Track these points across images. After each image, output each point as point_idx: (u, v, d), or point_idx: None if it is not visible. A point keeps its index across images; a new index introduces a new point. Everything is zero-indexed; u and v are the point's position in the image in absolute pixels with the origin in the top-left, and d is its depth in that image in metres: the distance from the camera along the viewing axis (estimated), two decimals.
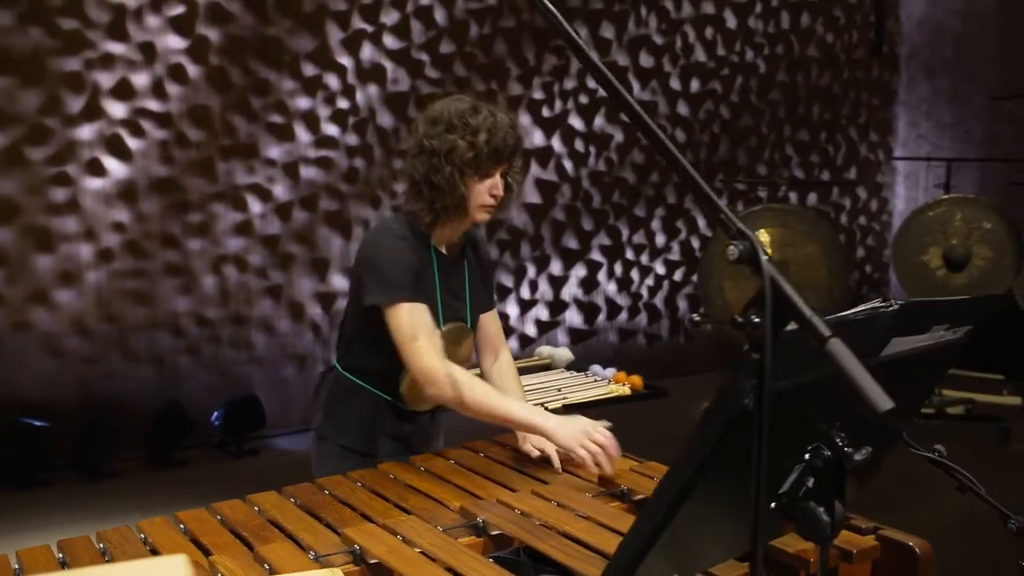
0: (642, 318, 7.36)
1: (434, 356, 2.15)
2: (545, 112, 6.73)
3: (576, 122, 6.87)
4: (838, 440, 1.29)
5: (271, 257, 5.78)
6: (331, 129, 5.90)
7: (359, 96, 5.98)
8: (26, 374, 5.14)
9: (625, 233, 7.21)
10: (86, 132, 5.18)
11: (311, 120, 5.83)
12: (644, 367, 7.04)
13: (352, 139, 5.98)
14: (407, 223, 2.29)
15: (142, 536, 1.78)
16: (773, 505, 1.34)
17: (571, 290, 7.01)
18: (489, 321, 2.56)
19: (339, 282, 6.01)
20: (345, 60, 5.91)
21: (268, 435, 5.69)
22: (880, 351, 1.28)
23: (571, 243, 6.96)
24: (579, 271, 7.03)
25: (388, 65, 6.06)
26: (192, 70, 5.43)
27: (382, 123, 6.08)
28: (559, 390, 2.98)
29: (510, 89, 6.54)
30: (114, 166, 5.27)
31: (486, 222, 2.38)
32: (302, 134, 5.80)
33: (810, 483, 1.31)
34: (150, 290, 5.45)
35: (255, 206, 5.70)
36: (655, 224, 7.34)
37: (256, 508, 1.92)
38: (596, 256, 7.09)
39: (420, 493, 2.00)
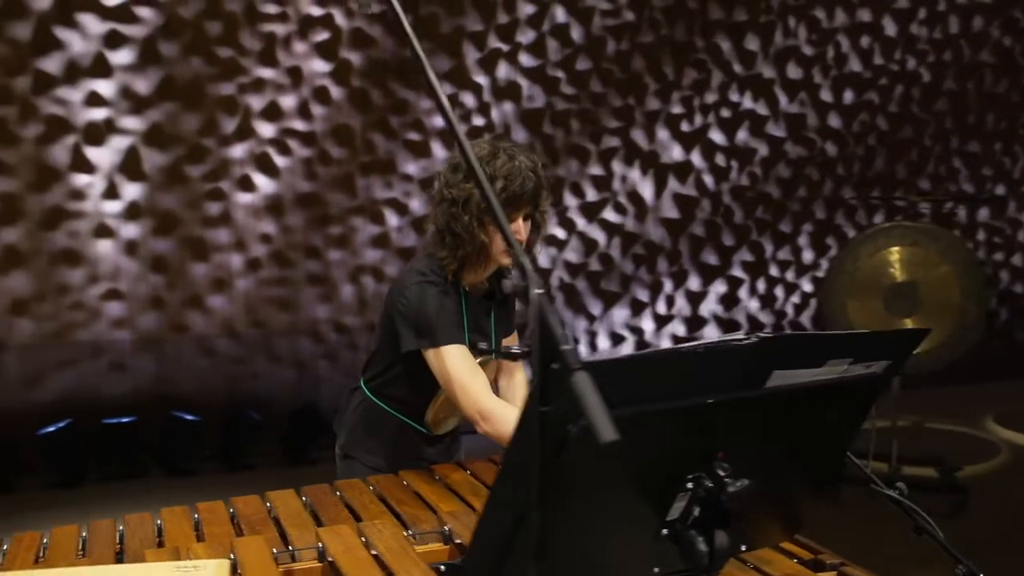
0: None
1: (490, 396, 2.23)
2: (684, 127, 6.67)
3: (717, 136, 6.77)
4: (719, 471, 1.29)
5: None
6: None
7: (494, 113, 6.16)
8: (181, 372, 5.63)
9: (769, 249, 7.02)
10: (238, 151, 5.62)
11: (448, 138, 6.05)
12: None
13: None
14: (438, 268, 2.36)
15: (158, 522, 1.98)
16: (665, 532, 1.36)
17: (710, 306, 6.91)
18: (508, 344, 2.62)
19: None
20: (481, 79, 6.11)
21: None
22: (763, 382, 1.27)
23: (710, 259, 6.86)
24: (719, 287, 6.91)
25: (523, 83, 6.21)
26: (335, 92, 5.79)
27: (517, 139, 6.22)
28: None
29: (647, 104, 6.54)
30: (263, 182, 5.69)
31: (510, 264, 2.43)
32: (438, 150, 6.04)
33: (696, 512, 1.32)
34: (293, 297, 5.83)
35: (392, 219, 5.99)
36: (802, 240, 7.10)
37: (268, 504, 2.08)
38: (737, 272, 6.95)
39: (420, 499, 2.10)
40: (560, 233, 6.41)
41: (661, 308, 6.74)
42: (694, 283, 6.82)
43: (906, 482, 1.58)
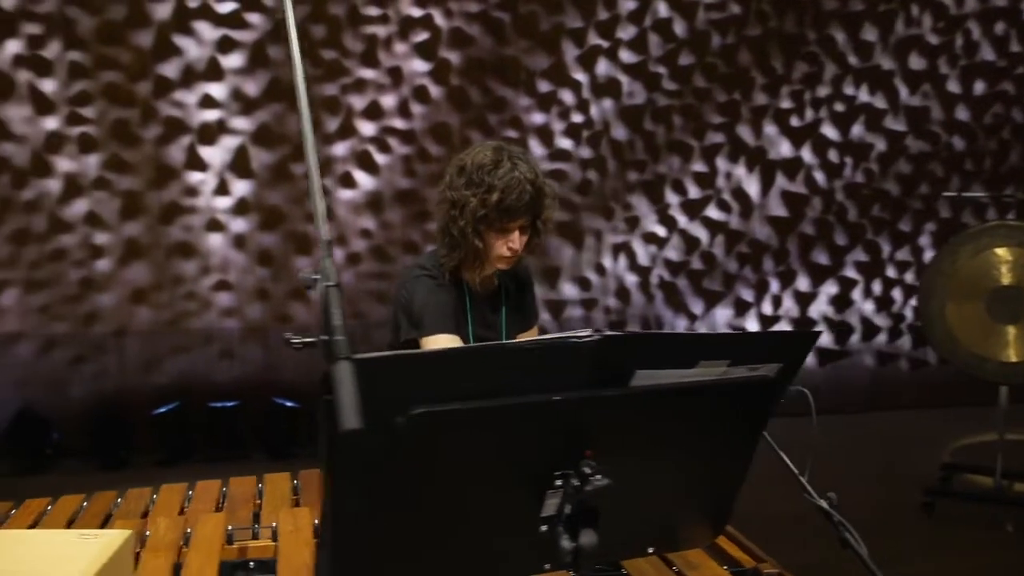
0: (905, 341, 6.79)
1: None
2: (794, 122, 6.45)
3: (830, 131, 6.51)
4: (585, 469, 1.28)
5: None
6: (564, 143, 6.13)
7: (593, 110, 6.15)
8: (284, 361, 5.89)
9: (886, 249, 6.70)
10: (340, 149, 5.84)
11: (545, 134, 6.09)
12: (907, 394, 6.54)
13: (585, 152, 6.16)
14: (439, 264, 2.42)
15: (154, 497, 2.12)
16: (543, 528, 1.36)
17: (820, 308, 6.65)
18: (527, 337, 2.64)
19: (569, 290, 6.22)
20: (580, 76, 6.10)
21: None
22: (625, 382, 1.25)
23: (821, 258, 6.61)
24: (830, 288, 6.65)
25: (623, 79, 6.16)
26: (434, 91, 5.92)
27: (616, 136, 6.19)
28: None
29: (754, 99, 6.36)
30: (363, 179, 5.88)
31: (487, 279, 2.45)
32: (536, 148, 6.08)
33: (567, 509, 1.31)
34: (391, 291, 5.99)
35: None
36: (923, 240, 6.74)
37: (260, 485, 2.19)
38: (850, 273, 6.66)
39: None
40: (660, 231, 6.32)
41: (767, 309, 6.54)
42: (803, 283, 6.59)
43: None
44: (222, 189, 5.73)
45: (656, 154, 6.26)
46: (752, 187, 6.43)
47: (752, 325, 6.50)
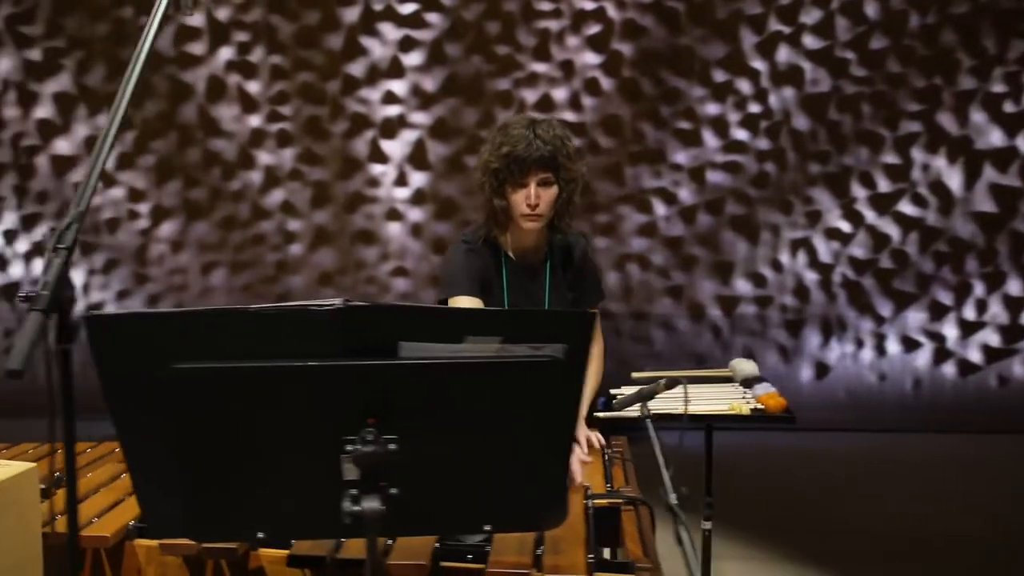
0: None
1: None
2: (1008, 107, 5.82)
3: None
4: (368, 436, 1.32)
5: (673, 258, 6.02)
6: (740, 134, 5.92)
7: (772, 99, 5.89)
8: None
9: None
10: None
11: (720, 125, 5.91)
12: None
13: (763, 143, 5.92)
14: (480, 233, 2.50)
15: None
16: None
17: None
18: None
19: (743, 286, 6.01)
20: (758, 64, 5.86)
21: (671, 427, 5.96)
22: (392, 353, 1.28)
23: None
24: None
25: (806, 66, 5.85)
26: (606, 83, 5.93)
27: (797, 126, 5.89)
28: (688, 401, 2.86)
29: (960, 83, 5.81)
30: None
31: (534, 229, 2.44)
32: (710, 139, 5.92)
33: (356, 475, 1.36)
34: None
35: (660, 209, 5.99)
36: None
37: None
38: None
39: None
40: (845, 226, 5.95)
41: (969, 314, 5.96)
42: (1014, 287, 5.94)
43: None
44: (401, 180, 6.07)
45: (842, 145, 5.89)
46: (954, 180, 5.88)
47: (951, 330, 5.96)
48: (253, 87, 6.05)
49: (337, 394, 1.29)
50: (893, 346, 6.00)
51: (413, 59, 5.98)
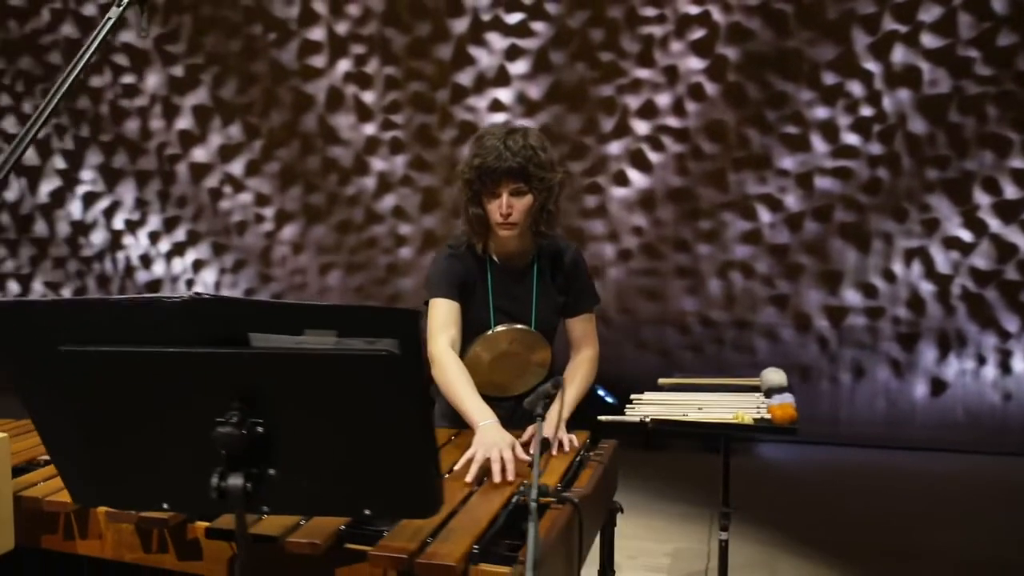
0: None
1: (438, 343, 2.44)
2: None
3: None
4: (232, 418, 1.44)
5: (778, 266, 5.87)
6: (851, 138, 5.70)
7: (886, 102, 5.64)
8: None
9: None
10: (614, 148, 6.02)
11: (829, 130, 5.72)
12: None
13: (875, 148, 5.67)
14: (464, 239, 2.56)
15: None
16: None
17: None
18: (575, 324, 2.69)
19: (851, 297, 5.78)
20: (871, 65, 5.63)
21: (754, 439, 5.83)
22: (244, 342, 1.39)
23: None
24: None
25: (924, 66, 5.57)
26: (710, 88, 5.85)
27: (913, 129, 5.62)
28: (699, 408, 2.81)
29: None
30: (636, 177, 6.00)
31: (509, 238, 2.49)
32: (818, 144, 5.74)
33: (224, 453, 1.48)
34: (661, 288, 6.06)
35: (764, 215, 5.86)
36: None
37: None
38: None
39: None
40: (966, 235, 5.61)
41: None
42: None
43: None
44: None
45: (963, 149, 5.56)
46: None
47: None
48: (368, 97, 6.34)
49: (201, 379, 1.42)
50: (1020, 364, 5.61)
51: (519, 67, 6.10)
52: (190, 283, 6.80)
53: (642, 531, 4.23)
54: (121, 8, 1.72)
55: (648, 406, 2.84)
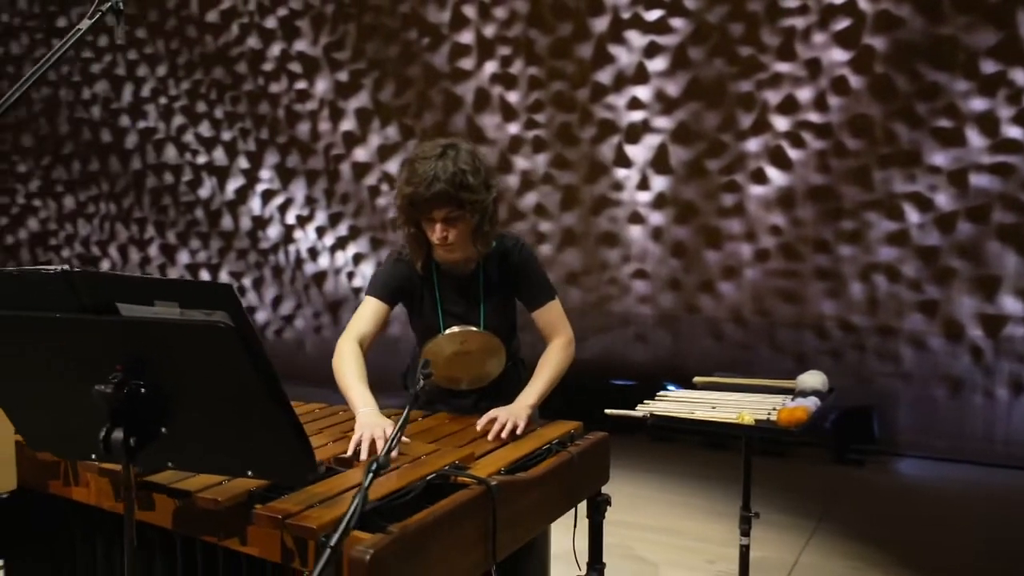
0: None
1: (346, 337, 2.54)
2: None
3: None
4: (113, 379, 1.63)
5: (927, 270, 5.49)
6: (1013, 131, 5.24)
7: None
8: (691, 349, 6.13)
9: None
10: (753, 145, 5.84)
11: (988, 123, 5.28)
12: None
13: None
14: None
15: None
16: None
17: None
18: (539, 316, 2.72)
19: (1011, 304, 5.31)
20: None
21: (892, 452, 5.50)
22: (114, 311, 1.57)
23: None
24: None
25: None
26: (854, 81, 5.56)
27: None
28: (713, 407, 2.70)
29: None
30: (775, 175, 5.80)
31: (449, 260, 2.57)
32: (975, 138, 5.31)
33: (112, 409, 1.67)
34: (799, 290, 5.82)
35: (912, 215, 5.49)
36: None
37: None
38: None
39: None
40: None
41: None
42: None
43: None
44: (643, 184, 6.18)
45: None
46: None
47: None
48: (513, 97, 6.51)
49: (86, 343, 1.61)
50: None
51: (657, 64, 6.06)
52: (351, 276, 7.25)
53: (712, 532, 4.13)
54: (91, 21, 1.96)
55: (665, 403, 2.81)
